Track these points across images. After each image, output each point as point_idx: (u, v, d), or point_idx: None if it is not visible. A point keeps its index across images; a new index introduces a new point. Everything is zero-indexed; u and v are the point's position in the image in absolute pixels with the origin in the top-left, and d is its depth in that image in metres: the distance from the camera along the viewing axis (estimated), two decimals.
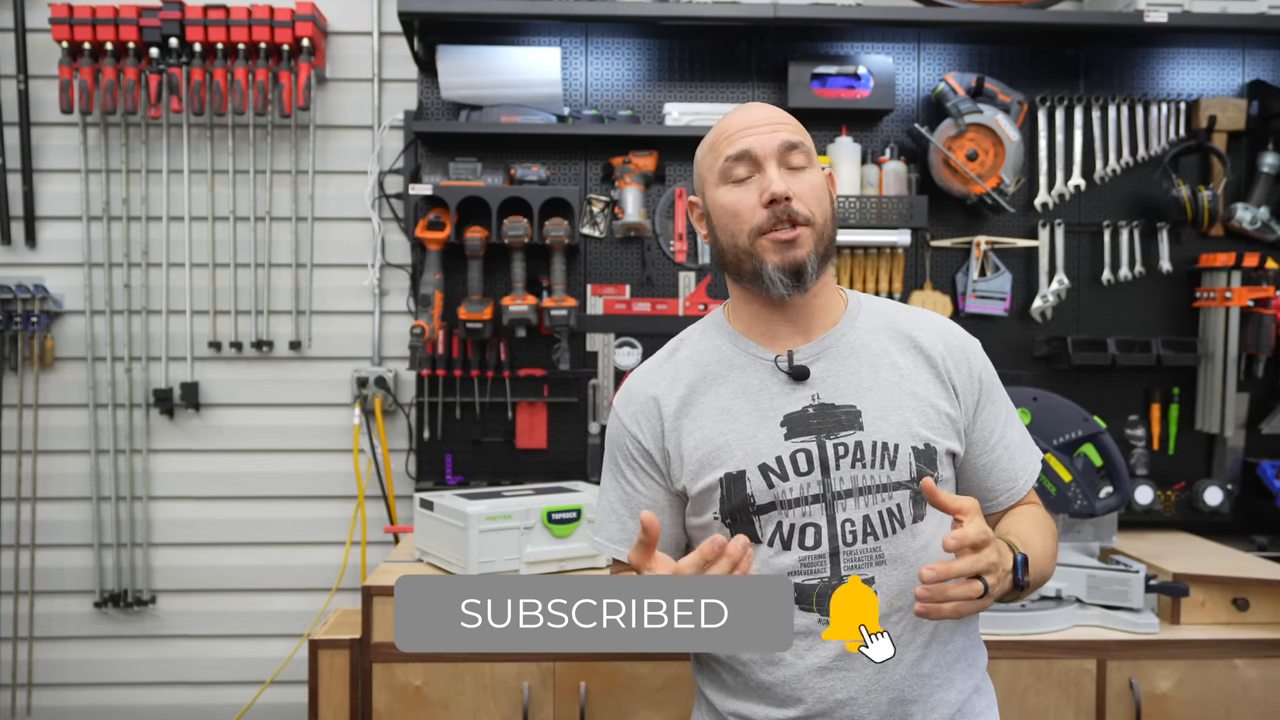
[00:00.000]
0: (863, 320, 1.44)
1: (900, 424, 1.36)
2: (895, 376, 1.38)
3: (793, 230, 1.34)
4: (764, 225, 1.34)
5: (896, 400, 1.37)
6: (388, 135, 2.90)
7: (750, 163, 1.35)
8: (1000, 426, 1.45)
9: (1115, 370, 2.82)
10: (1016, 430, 1.48)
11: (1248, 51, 2.90)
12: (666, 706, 2.15)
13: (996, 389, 1.46)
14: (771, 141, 1.35)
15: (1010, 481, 1.45)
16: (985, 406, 1.43)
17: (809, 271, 1.35)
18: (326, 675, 2.18)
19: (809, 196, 1.35)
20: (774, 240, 1.34)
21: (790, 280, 1.34)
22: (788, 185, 1.33)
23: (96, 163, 2.86)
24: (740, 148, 1.35)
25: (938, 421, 1.38)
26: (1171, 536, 2.73)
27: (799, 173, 1.36)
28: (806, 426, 1.36)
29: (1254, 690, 2.16)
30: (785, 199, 1.33)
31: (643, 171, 2.80)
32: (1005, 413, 1.47)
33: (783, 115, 1.40)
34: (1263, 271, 2.74)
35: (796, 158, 1.36)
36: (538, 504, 2.23)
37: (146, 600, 2.92)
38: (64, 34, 2.72)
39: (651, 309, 2.87)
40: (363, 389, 2.88)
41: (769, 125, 1.37)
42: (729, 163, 1.36)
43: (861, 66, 2.76)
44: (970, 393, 1.42)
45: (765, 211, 1.34)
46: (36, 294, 2.83)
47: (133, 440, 2.90)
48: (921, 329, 1.43)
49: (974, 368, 1.43)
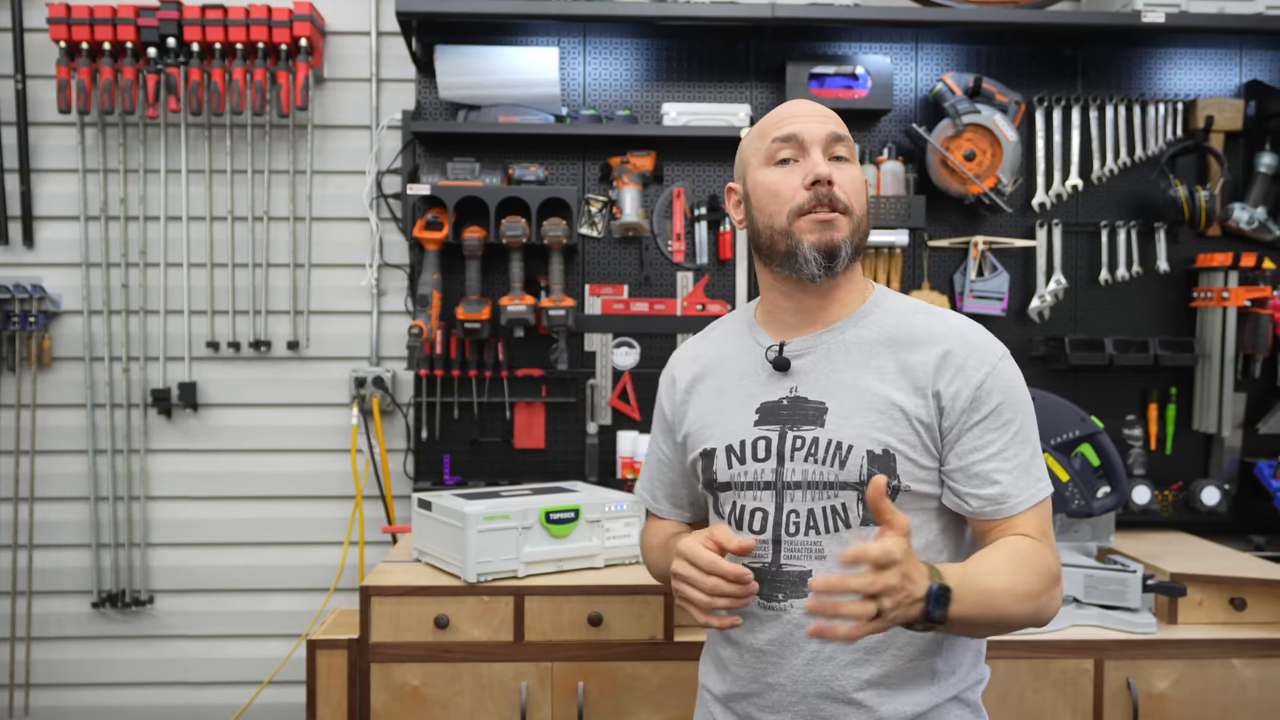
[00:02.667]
0: (873, 319, 1.43)
1: (862, 425, 1.35)
2: (875, 379, 1.37)
3: (831, 213, 1.37)
4: (805, 205, 1.37)
5: (866, 403, 1.36)
6: (386, 135, 2.90)
7: (797, 146, 1.39)
8: (996, 443, 1.35)
9: (1113, 370, 2.82)
10: (1023, 455, 1.36)
11: (1245, 52, 2.91)
12: (665, 706, 2.15)
13: (1005, 406, 1.36)
14: (820, 129, 1.39)
15: (994, 502, 1.34)
16: (981, 419, 1.35)
17: (843, 256, 1.38)
18: (324, 675, 2.18)
19: (850, 188, 1.39)
20: (813, 220, 1.37)
21: (824, 260, 1.37)
22: (833, 172, 1.37)
23: (94, 163, 2.86)
24: (789, 131, 1.39)
25: (906, 429, 1.34)
26: (1169, 536, 2.74)
27: (843, 164, 1.40)
28: (776, 416, 1.41)
29: (1251, 690, 2.17)
30: (829, 182, 1.36)
31: (641, 171, 2.80)
32: (1011, 432, 1.36)
33: (831, 112, 1.44)
34: (1260, 271, 2.74)
35: (841, 149, 1.40)
36: (536, 504, 2.23)
37: (144, 600, 2.92)
38: (62, 34, 2.72)
39: (649, 309, 2.87)
40: (361, 389, 2.88)
41: (819, 116, 1.41)
42: (776, 144, 1.40)
43: (859, 66, 2.76)
44: (961, 402, 1.35)
45: (807, 193, 1.37)
46: (34, 294, 2.83)
47: (130, 440, 2.90)
48: (925, 334, 1.39)
49: (975, 378, 1.35)
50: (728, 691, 1.45)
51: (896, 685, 1.35)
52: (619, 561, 2.29)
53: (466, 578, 2.14)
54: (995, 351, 1.39)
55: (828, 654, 1.34)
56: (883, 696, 1.34)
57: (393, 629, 2.14)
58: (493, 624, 2.15)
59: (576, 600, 2.16)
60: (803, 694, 1.36)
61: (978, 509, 1.35)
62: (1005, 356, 1.39)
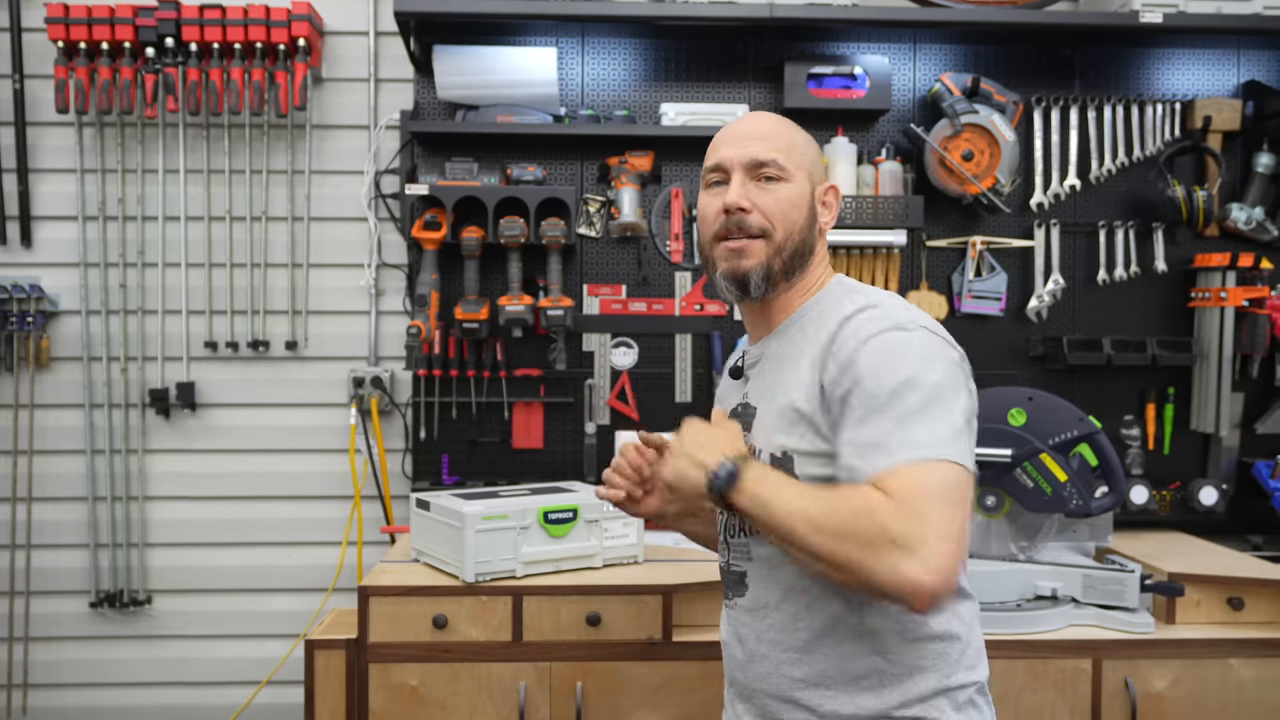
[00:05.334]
0: (809, 317, 1.39)
1: (770, 430, 1.37)
2: (792, 381, 1.34)
3: (742, 240, 1.38)
4: (719, 232, 1.40)
5: (778, 408, 1.36)
6: (384, 135, 2.90)
7: (721, 171, 1.42)
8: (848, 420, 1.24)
9: (1111, 370, 2.82)
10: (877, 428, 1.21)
11: (1243, 52, 2.91)
12: (663, 706, 2.15)
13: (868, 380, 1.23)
14: (741, 154, 1.40)
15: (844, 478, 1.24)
16: (848, 401, 1.25)
17: (754, 282, 1.39)
18: (323, 675, 2.18)
19: (773, 209, 1.38)
20: (725, 248, 1.40)
21: (735, 289, 1.40)
22: (749, 197, 1.38)
23: (92, 162, 2.86)
24: (715, 159, 1.43)
25: (797, 425, 1.31)
26: (1167, 536, 2.74)
27: (770, 185, 1.39)
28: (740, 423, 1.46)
29: (1249, 690, 2.17)
30: (739, 210, 1.37)
31: (639, 171, 2.80)
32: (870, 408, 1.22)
33: (768, 129, 1.43)
34: (1257, 271, 2.74)
35: (767, 170, 1.39)
36: (534, 504, 2.23)
37: (142, 600, 2.91)
38: (60, 34, 2.72)
39: (648, 309, 2.87)
40: (359, 389, 2.88)
41: (746, 139, 1.41)
42: (707, 170, 1.44)
43: (857, 67, 2.77)
44: (838, 389, 1.26)
45: (722, 218, 1.39)
46: (32, 294, 2.83)
47: (128, 440, 2.90)
48: (837, 324, 1.31)
49: (842, 358, 1.26)
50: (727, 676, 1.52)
51: (836, 686, 1.32)
52: (617, 561, 2.29)
53: (465, 578, 2.14)
54: (876, 325, 1.27)
55: (763, 651, 1.38)
56: (823, 696, 1.33)
57: (391, 629, 2.14)
58: (491, 624, 2.15)
59: (575, 600, 2.15)
60: (754, 689, 1.40)
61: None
62: (892, 329, 1.26)
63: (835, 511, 1.16)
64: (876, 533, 1.13)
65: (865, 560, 1.13)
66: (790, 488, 1.23)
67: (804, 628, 1.34)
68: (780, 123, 1.45)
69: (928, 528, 1.13)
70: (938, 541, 1.13)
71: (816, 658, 1.34)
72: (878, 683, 1.31)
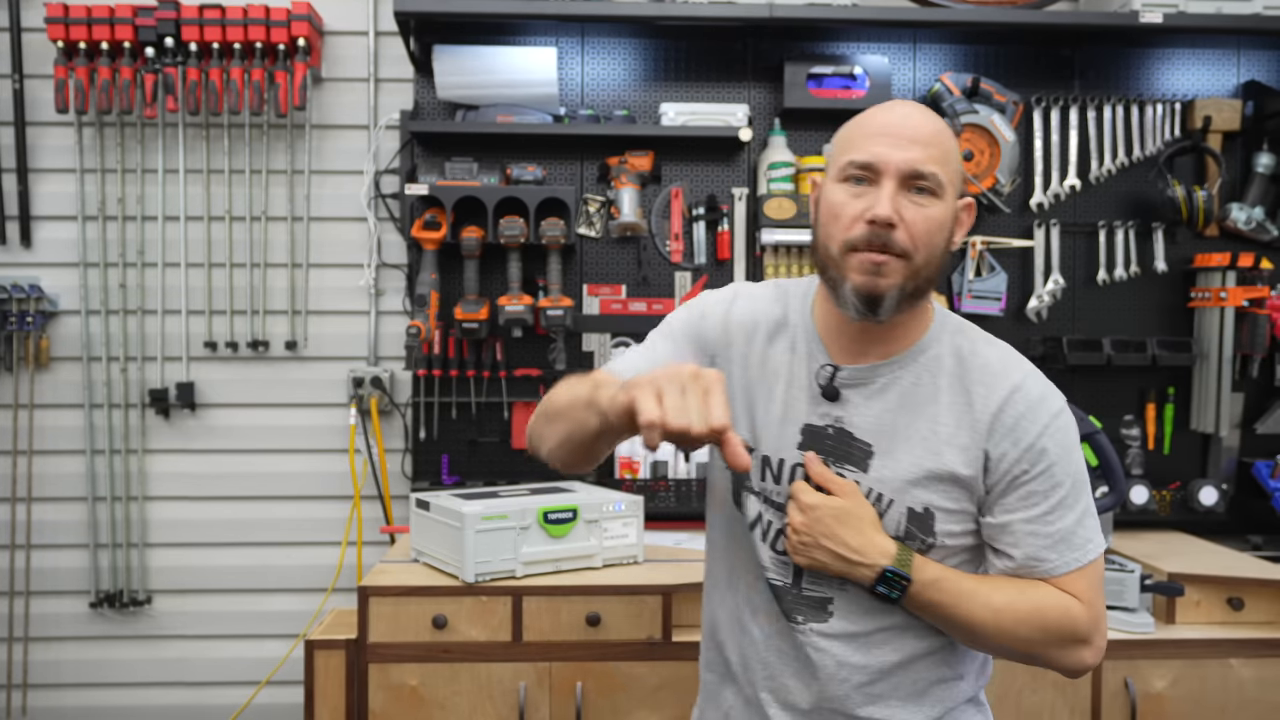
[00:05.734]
0: (933, 354, 1.32)
1: (906, 481, 1.29)
2: (929, 430, 1.29)
3: (883, 256, 1.24)
4: (857, 241, 1.24)
5: (916, 457, 1.29)
6: (384, 135, 2.90)
7: (871, 172, 1.25)
8: (1039, 506, 1.28)
9: (1110, 370, 2.82)
10: (1066, 520, 1.28)
11: (1243, 52, 2.91)
12: (663, 706, 2.15)
13: (1055, 468, 1.28)
14: (902, 160, 1.24)
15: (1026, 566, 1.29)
16: (1027, 481, 1.28)
17: (886, 304, 1.25)
18: (322, 675, 2.18)
19: (919, 231, 1.24)
20: (862, 260, 1.24)
21: (863, 307, 1.25)
22: (899, 212, 1.23)
23: (92, 162, 2.86)
24: (868, 155, 1.25)
25: (950, 487, 1.29)
26: (1166, 536, 2.74)
27: (921, 198, 1.25)
28: (820, 445, 1.33)
29: (1249, 690, 2.17)
30: (888, 225, 1.23)
31: (639, 171, 2.80)
32: (1056, 498, 1.28)
33: (929, 131, 1.26)
34: (1257, 271, 2.74)
35: (922, 183, 1.25)
36: (534, 504, 2.23)
37: (142, 600, 2.91)
38: (59, 33, 2.72)
39: (648, 309, 2.87)
40: (359, 389, 2.87)
41: (908, 140, 1.25)
42: (851, 161, 1.26)
43: (857, 67, 2.77)
44: (1007, 464, 1.28)
45: (864, 228, 1.24)
46: (32, 294, 2.83)
47: (128, 440, 2.90)
48: (986, 385, 1.29)
49: (1025, 439, 1.27)
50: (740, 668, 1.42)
51: (909, 699, 1.34)
52: (617, 562, 2.29)
53: (465, 578, 2.14)
54: (1051, 408, 1.30)
55: (844, 675, 1.32)
56: (893, 709, 1.33)
57: (391, 629, 2.14)
58: (491, 624, 2.14)
59: (575, 600, 2.15)
60: (820, 708, 1.34)
61: (1009, 569, 1.30)
62: (1062, 412, 1.31)
63: (1033, 614, 1.28)
64: (1069, 634, 1.29)
65: (1053, 654, 1.30)
66: (964, 583, 1.29)
67: (893, 651, 1.32)
68: (936, 123, 1.28)
69: (1101, 621, 1.31)
70: (1104, 626, 1.32)
71: (895, 679, 1.33)
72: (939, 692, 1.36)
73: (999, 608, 1.27)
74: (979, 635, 1.29)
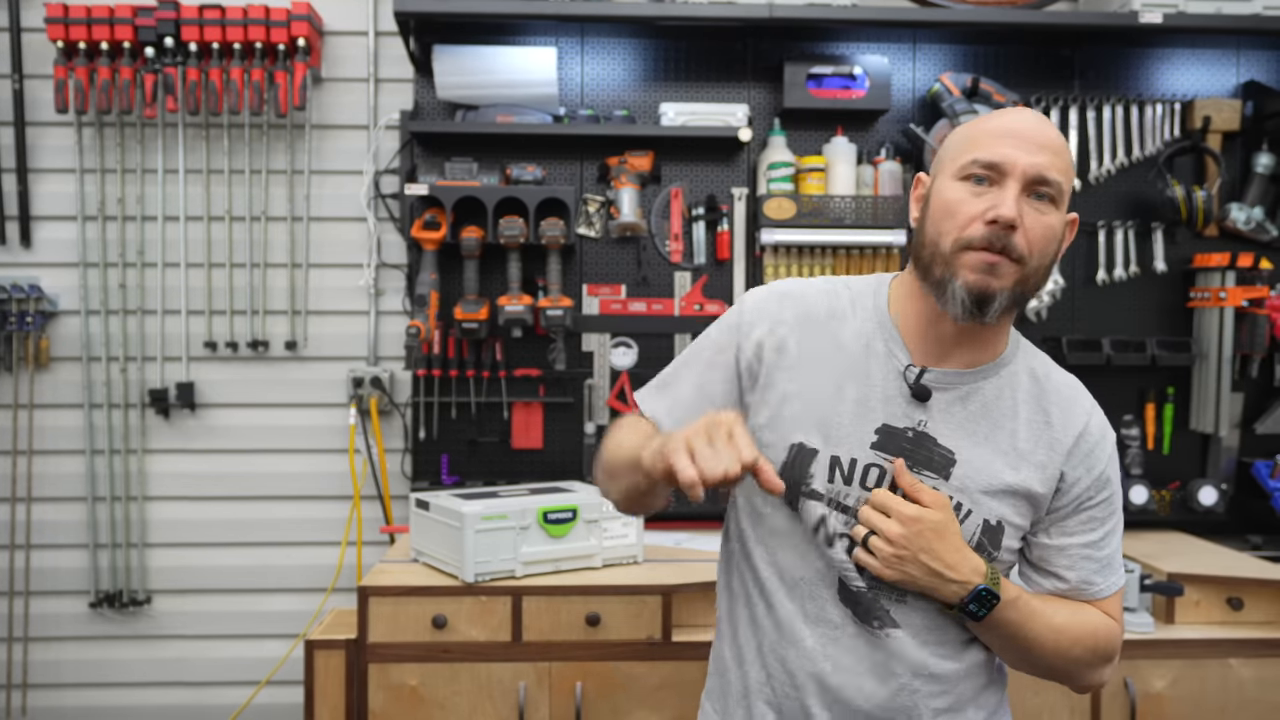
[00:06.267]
0: (1014, 369, 1.34)
1: (985, 493, 1.29)
2: (1009, 444, 1.30)
3: (998, 257, 1.22)
4: (975, 241, 1.22)
5: (996, 470, 1.29)
6: (383, 135, 2.90)
7: (997, 173, 1.23)
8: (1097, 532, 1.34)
9: (1110, 370, 2.82)
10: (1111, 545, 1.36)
11: (1242, 52, 2.91)
12: (663, 706, 2.15)
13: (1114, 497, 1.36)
14: (1030, 163, 1.23)
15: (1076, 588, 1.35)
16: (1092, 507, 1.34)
17: (995, 306, 1.24)
18: (322, 675, 2.18)
19: (1036, 238, 1.24)
20: (978, 259, 1.22)
21: (972, 306, 1.23)
22: (1021, 215, 1.22)
23: (92, 162, 2.86)
24: (995, 155, 1.23)
25: (1024, 505, 1.31)
26: (1166, 536, 2.74)
27: (1041, 206, 1.24)
28: (897, 447, 1.29)
29: (1248, 690, 2.17)
30: (1010, 227, 1.21)
31: (638, 171, 2.80)
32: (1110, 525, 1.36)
33: (1056, 141, 1.26)
34: (1257, 271, 2.74)
35: (1045, 190, 1.24)
36: (534, 504, 2.23)
37: (142, 601, 2.91)
38: (59, 33, 2.72)
39: (647, 309, 2.87)
40: (358, 389, 2.88)
41: (1034, 146, 1.24)
42: (973, 159, 1.25)
43: (857, 67, 2.77)
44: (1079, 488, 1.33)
45: (984, 228, 1.22)
46: (31, 294, 2.83)
47: (128, 440, 2.90)
48: (1063, 408, 1.33)
49: (1098, 468, 1.33)
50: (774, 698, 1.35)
51: (964, 707, 1.36)
52: (617, 561, 2.29)
53: (464, 578, 2.14)
54: (1111, 439, 1.37)
55: (915, 685, 1.31)
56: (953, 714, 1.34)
57: (391, 629, 2.14)
58: (491, 624, 2.15)
59: (574, 600, 2.16)
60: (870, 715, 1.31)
61: (1056, 590, 1.35)
62: (1114, 442, 1.38)
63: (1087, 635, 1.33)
64: (1109, 654, 1.35)
65: (1090, 672, 1.36)
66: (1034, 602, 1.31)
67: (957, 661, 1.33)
68: (1059, 135, 1.28)
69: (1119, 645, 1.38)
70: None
71: (959, 688, 1.34)
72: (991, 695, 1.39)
73: (1059, 628, 1.31)
74: (1035, 654, 1.32)
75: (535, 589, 2.16)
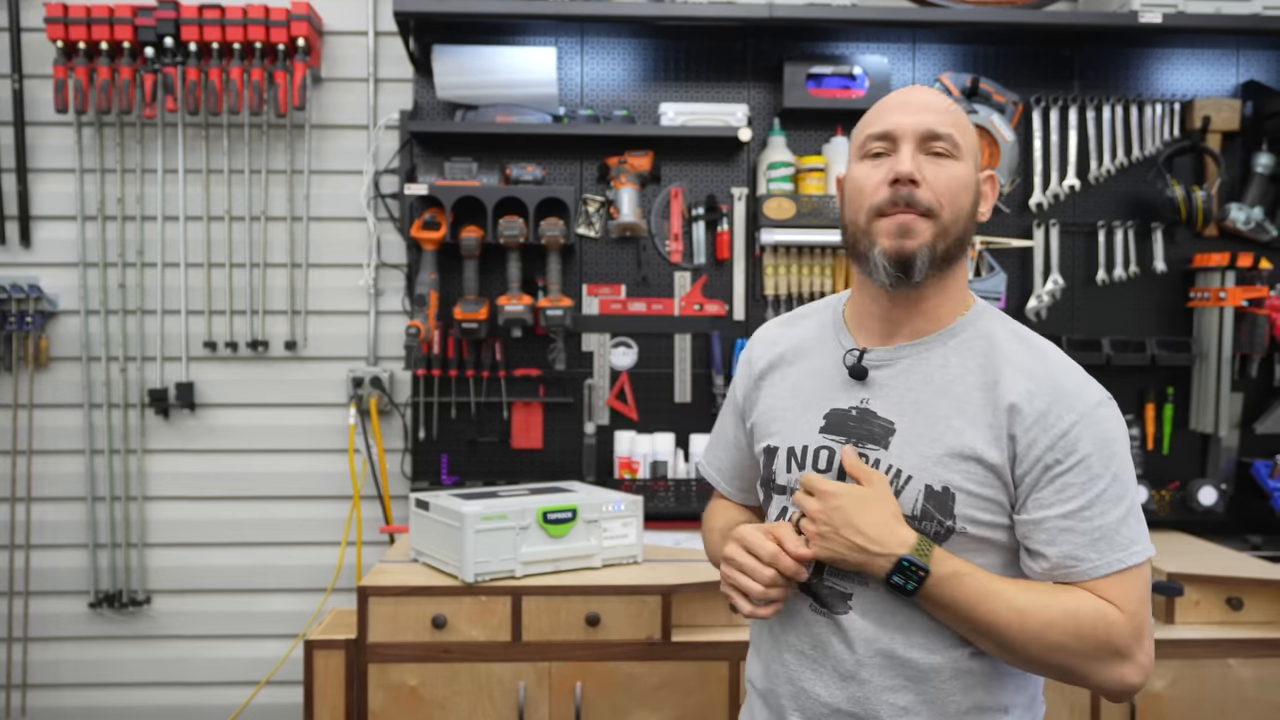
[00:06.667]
0: (963, 339, 1.31)
1: (925, 458, 1.26)
2: (954, 409, 1.26)
3: (909, 216, 1.26)
4: (883, 205, 1.27)
5: (937, 433, 1.26)
6: (383, 135, 2.90)
7: (889, 141, 1.28)
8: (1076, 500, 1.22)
9: (1110, 370, 2.82)
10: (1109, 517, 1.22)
11: (1242, 52, 2.91)
12: (663, 706, 2.15)
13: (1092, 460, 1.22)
14: (915, 122, 1.28)
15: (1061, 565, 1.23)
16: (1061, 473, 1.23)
17: (918, 265, 1.26)
18: (322, 675, 2.18)
19: (943, 187, 1.26)
20: (890, 223, 1.26)
21: (894, 269, 1.26)
22: (920, 170, 1.26)
23: (91, 162, 2.86)
24: (882, 126, 1.29)
25: (974, 468, 1.25)
26: (1166, 536, 2.74)
27: (940, 161, 1.27)
28: (844, 427, 1.32)
29: (1248, 690, 2.17)
30: (910, 181, 1.25)
31: (638, 171, 2.80)
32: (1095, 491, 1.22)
33: (941, 102, 1.31)
34: (1257, 271, 2.74)
35: (940, 143, 1.28)
36: (533, 504, 2.23)
37: (141, 601, 2.91)
38: (59, 33, 2.72)
39: (647, 309, 2.87)
40: (358, 389, 2.87)
41: (918, 107, 1.29)
42: (870, 138, 1.30)
43: (857, 67, 2.77)
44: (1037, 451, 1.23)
45: (887, 191, 1.26)
46: (31, 294, 2.83)
47: (128, 440, 2.90)
48: (1015, 372, 1.26)
49: (1058, 427, 1.23)
50: (767, 687, 1.39)
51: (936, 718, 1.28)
52: (616, 562, 2.29)
53: (464, 578, 2.14)
54: (1088, 399, 1.25)
55: (865, 676, 1.28)
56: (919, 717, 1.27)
57: (390, 629, 2.14)
58: (490, 624, 2.15)
59: (574, 600, 2.16)
60: (835, 707, 1.30)
61: (1045, 571, 1.24)
62: (1102, 403, 1.25)
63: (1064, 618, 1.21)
64: (1105, 644, 1.21)
65: (1090, 668, 1.22)
66: (990, 583, 1.22)
67: (920, 658, 1.27)
68: (948, 99, 1.33)
69: (1145, 635, 1.23)
70: (1149, 644, 1.23)
71: (925, 688, 1.27)
72: (977, 717, 1.29)
73: (1024, 609, 1.20)
74: (1005, 640, 1.21)
75: (535, 589, 2.16)
